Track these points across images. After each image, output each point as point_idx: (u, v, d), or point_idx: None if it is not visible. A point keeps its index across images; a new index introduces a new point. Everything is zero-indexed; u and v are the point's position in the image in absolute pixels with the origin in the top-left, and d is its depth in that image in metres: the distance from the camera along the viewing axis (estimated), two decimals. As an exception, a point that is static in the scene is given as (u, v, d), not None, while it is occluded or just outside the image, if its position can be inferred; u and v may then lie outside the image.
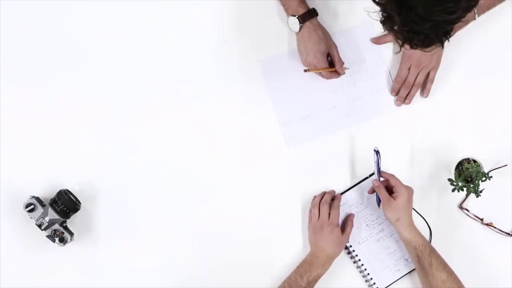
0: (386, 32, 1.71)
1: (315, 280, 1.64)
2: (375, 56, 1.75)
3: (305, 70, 1.68)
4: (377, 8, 1.26)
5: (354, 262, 1.72)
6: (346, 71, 1.71)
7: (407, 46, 1.29)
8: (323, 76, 1.71)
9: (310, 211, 1.71)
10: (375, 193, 1.68)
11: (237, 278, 1.72)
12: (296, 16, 1.65)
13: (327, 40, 1.68)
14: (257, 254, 1.73)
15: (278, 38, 1.70)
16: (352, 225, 1.70)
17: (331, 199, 1.70)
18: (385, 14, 1.25)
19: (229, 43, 1.76)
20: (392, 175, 1.65)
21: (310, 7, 1.67)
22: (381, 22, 1.27)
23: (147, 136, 1.74)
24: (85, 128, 1.74)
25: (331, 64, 1.70)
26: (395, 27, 1.25)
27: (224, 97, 1.75)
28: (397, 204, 1.61)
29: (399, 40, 1.28)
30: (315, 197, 1.72)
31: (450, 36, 1.27)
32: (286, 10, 1.68)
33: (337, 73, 1.70)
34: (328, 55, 1.69)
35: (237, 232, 1.73)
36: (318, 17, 1.68)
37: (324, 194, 1.71)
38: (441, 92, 1.75)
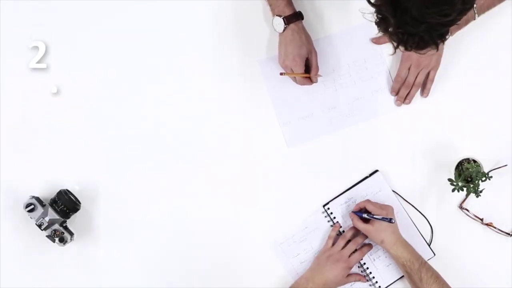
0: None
1: None
2: (375, 56, 1.75)
3: (281, 74, 1.67)
4: (372, 9, 1.25)
5: (355, 262, 1.73)
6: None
7: (401, 48, 1.28)
8: (296, 82, 1.70)
9: (330, 237, 1.70)
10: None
11: (238, 278, 1.72)
12: (282, 17, 1.65)
13: (309, 45, 1.67)
14: (258, 254, 1.73)
15: (277, 38, 1.70)
16: (358, 280, 1.69)
17: (362, 243, 1.70)
18: (380, 16, 1.25)
19: (228, 43, 1.75)
20: (367, 202, 1.65)
21: (297, 10, 1.67)
22: (376, 23, 1.27)
23: (147, 136, 1.74)
24: (85, 128, 1.74)
25: (308, 70, 1.69)
26: (390, 29, 1.25)
27: (223, 97, 1.75)
28: (375, 228, 1.62)
29: (393, 42, 1.28)
30: (335, 224, 1.72)
31: (445, 39, 1.27)
32: (273, 10, 1.67)
33: (310, 80, 1.69)
34: (307, 60, 1.68)
35: (237, 232, 1.73)
36: (305, 21, 1.67)
37: (355, 231, 1.69)
38: (441, 92, 1.75)
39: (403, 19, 1.20)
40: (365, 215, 1.65)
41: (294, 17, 1.65)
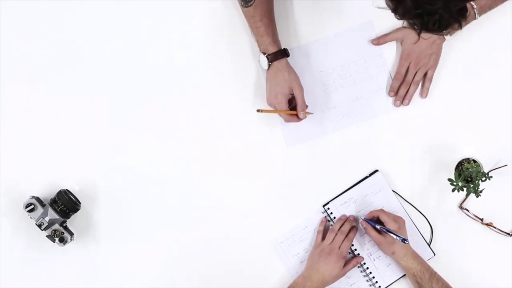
0: (389, 31, 1.72)
1: None
2: (375, 56, 1.75)
3: (258, 110, 1.65)
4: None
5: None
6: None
7: (425, 35, 1.24)
8: (283, 118, 1.69)
9: (319, 232, 1.71)
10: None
11: (238, 280, 1.72)
12: (266, 55, 1.64)
13: (292, 82, 1.65)
14: (258, 253, 1.73)
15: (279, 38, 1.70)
16: (355, 265, 1.69)
17: (349, 229, 1.70)
18: (395, 1, 1.21)
19: (228, 43, 1.75)
20: (381, 211, 1.66)
21: (282, 47, 1.65)
22: (393, 10, 1.23)
23: (147, 136, 1.74)
24: (85, 128, 1.74)
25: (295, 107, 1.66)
26: (408, 12, 1.21)
27: (224, 98, 1.75)
28: (387, 240, 1.63)
29: (415, 27, 1.23)
30: (323, 218, 1.73)
31: (466, 17, 1.22)
32: (259, 46, 1.67)
33: (297, 117, 1.66)
34: (293, 97, 1.66)
35: (237, 231, 1.73)
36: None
37: (344, 220, 1.70)
38: (441, 92, 1.74)
39: None
40: (378, 227, 1.65)
41: (277, 55, 1.64)
